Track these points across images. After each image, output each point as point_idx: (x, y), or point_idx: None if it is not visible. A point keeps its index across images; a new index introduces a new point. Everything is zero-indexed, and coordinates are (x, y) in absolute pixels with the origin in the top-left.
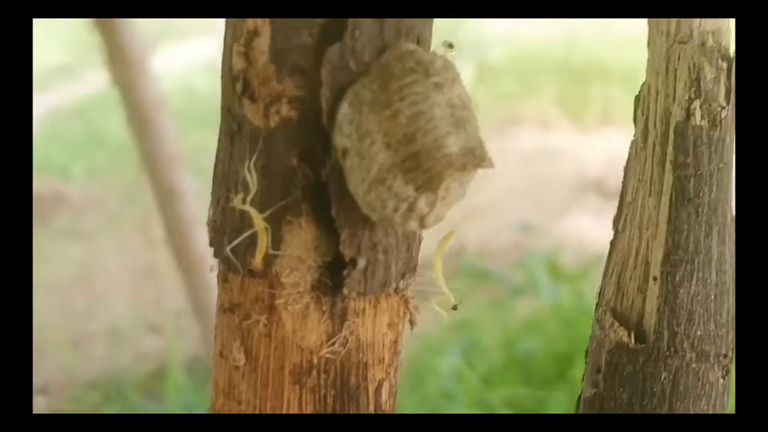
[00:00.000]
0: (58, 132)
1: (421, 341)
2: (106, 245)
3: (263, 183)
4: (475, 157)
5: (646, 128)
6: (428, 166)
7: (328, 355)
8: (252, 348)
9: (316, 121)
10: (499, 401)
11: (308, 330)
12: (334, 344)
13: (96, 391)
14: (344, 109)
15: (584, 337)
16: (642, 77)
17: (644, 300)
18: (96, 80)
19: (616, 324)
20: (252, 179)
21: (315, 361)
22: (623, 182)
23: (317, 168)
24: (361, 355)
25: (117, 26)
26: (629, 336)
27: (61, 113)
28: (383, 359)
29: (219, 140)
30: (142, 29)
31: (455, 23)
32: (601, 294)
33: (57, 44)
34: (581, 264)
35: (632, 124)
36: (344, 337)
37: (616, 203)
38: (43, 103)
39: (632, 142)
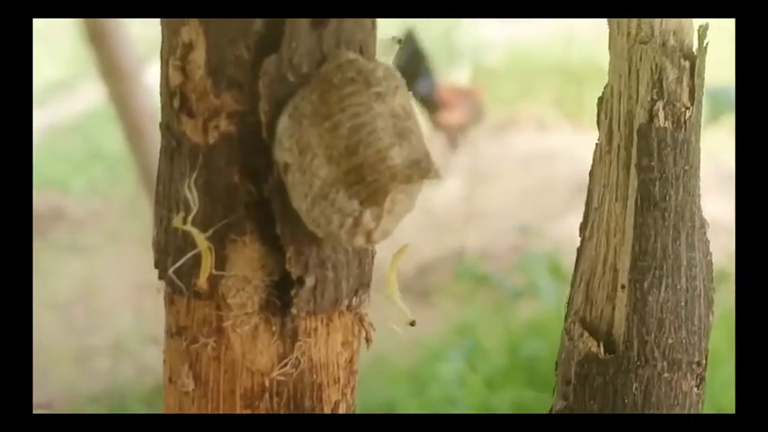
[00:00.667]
0: (56, 148)
1: (422, 346)
2: (107, 259)
3: (205, 201)
4: (420, 169)
5: (610, 131)
6: (372, 179)
7: (280, 378)
8: (201, 373)
9: (256, 136)
10: (503, 405)
11: (258, 352)
12: (285, 365)
13: (99, 405)
14: (284, 122)
15: None
16: None
17: (613, 308)
18: (94, 95)
19: (585, 334)
20: (193, 197)
21: (266, 384)
22: (589, 187)
23: (259, 184)
24: (314, 376)
25: (111, 40)
26: (599, 346)
27: (59, 129)
28: (338, 379)
29: (160, 159)
30: (136, 42)
31: (451, 26)
32: (570, 304)
33: (53, 60)
34: None
35: None
36: (296, 358)
37: None
38: (41, 118)
39: (596, 146)
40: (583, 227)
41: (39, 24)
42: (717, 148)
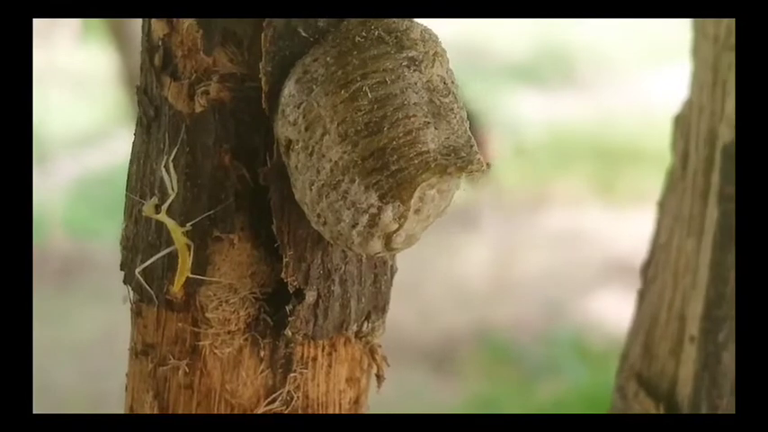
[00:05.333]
0: (89, 195)
1: None
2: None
3: (186, 185)
4: (459, 159)
5: (686, 153)
6: (397, 167)
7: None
8: (168, 403)
9: (254, 106)
10: None
11: (241, 382)
12: (274, 401)
13: None
14: (290, 88)
15: None
16: None
17: (677, 364)
18: (127, 144)
19: (642, 393)
20: (171, 180)
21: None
22: (657, 220)
23: (254, 168)
24: None
25: None
26: (658, 408)
27: (93, 177)
28: None
29: (135, 132)
30: None
31: (490, 103)
32: (624, 357)
33: (90, 109)
34: (609, 344)
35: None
36: (289, 392)
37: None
38: (75, 166)
39: (668, 173)
40: (645, 267)
41: (80, 74)
42: None
